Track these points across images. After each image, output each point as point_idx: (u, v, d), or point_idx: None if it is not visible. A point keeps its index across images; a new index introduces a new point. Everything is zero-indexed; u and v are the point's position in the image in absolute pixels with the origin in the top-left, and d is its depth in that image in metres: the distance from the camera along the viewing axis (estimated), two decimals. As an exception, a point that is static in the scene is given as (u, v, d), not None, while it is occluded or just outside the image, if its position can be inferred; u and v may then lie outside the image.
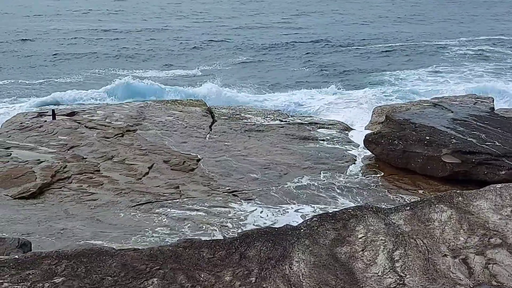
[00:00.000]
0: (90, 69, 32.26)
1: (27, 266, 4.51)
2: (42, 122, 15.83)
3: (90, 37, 44.20)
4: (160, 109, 17.91)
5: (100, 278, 4.29)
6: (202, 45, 40.79)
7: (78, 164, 12.71)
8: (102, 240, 8.84)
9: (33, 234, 8.95)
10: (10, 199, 10.91)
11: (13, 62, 33.55)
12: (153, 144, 14.31)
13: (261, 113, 18.66)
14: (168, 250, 4.75)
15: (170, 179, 12.16)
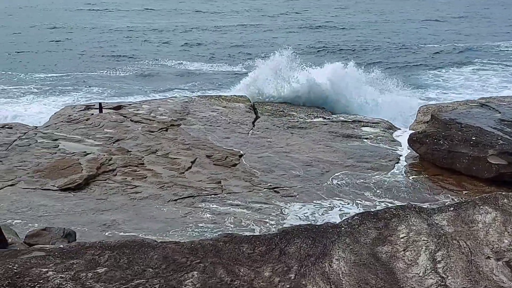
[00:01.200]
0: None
1: (71, 256, 4.61)
2: (89, 115, 16.15)
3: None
4: (204, 104, 18.05)
5: (142, 269, 4.35)
6: (247, 43, 40.87)
7: (123, 157, 12.92)
8: (144, 232, 8.97)
9: (78, 224, 9.14)
10: (56, 189, 11.16)
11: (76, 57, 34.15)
12: (196, 139, 14.43)
13: (304, 110, 18.60)
14: (208, 244, 4.78)
15: (212, 174, 12.25)
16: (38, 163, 12.31)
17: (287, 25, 51.13)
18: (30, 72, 28.82)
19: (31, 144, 13.48)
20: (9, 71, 28.84)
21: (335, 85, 20.80)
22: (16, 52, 35.00)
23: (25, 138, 13.98)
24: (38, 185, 11.27)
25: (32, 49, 36.11)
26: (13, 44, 37.53)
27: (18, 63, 31.66)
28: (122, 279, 4.17)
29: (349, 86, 21.24)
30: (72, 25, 47.89)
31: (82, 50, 36.45)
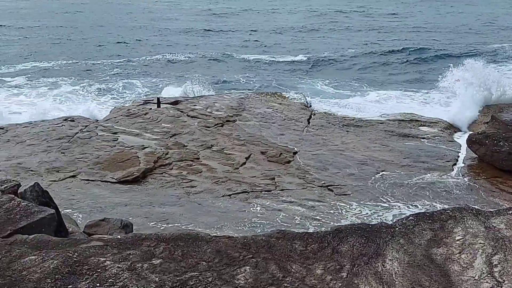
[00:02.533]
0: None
1: (128, 247, 4.73)
2: (148, 110, 16.49)
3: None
4: (260, 101, 18.13)
5: (195, 262, 4.42)
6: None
7: (179, 151, 13.13)
8: (198, 226, 9.10)
9: (135, 216, 9.35)
10: (115, 182, 11.45)
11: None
12: (251, 135, 14.52)
13: (361, 108, 18.44)
14: (261, 239, 4.82)
15: (266, 170, 12.30)
16: (98, 155, 12.67)
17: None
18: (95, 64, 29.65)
19: (92, 137, 13.89)
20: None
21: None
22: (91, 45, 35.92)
23: (86, 131, 14.41)
24: (97, 177, 11.59)
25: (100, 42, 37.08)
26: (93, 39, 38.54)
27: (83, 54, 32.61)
28: (176, 271, 4.26)
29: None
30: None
31: (152, 46, 37.10)
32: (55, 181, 11.19)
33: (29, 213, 5.35)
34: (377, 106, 19.46)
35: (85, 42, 36.56)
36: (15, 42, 36.19)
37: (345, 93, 23.51)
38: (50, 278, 4.13)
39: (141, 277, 4.15)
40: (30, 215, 5.31)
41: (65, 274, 4.19)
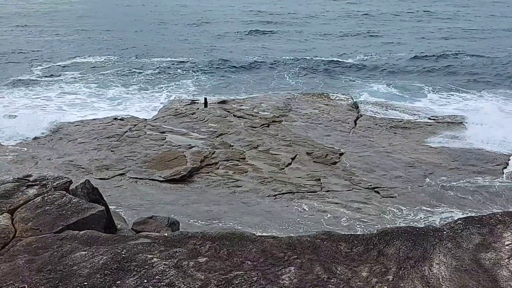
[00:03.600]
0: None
1: (175, 244, 4.80)
2: (195, 109, 16.66)
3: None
4: (306, 102, 18.09)
5: (241, 261, 4.45)
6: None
7: (226, 151, 13.22)
8: (243, 225, 9.14)
9: (181, 214, 9.46)
10: (162, 180, 11.61)
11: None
12: (297, 136, 14.50)
13: (409, 109, 18.17)
14: (306, 240, 4.82)
15: (312, 171, 12.27)
16: (146, 154, 12.88)
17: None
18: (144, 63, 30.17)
19: (140, 136, 14.12)
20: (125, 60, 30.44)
21: None
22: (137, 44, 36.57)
23: (135, 130, 14.66)
24: (145, 175, 11.78)
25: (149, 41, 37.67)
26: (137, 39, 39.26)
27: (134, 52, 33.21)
28: (221, 270, 4.30)
29: None
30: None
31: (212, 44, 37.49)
32: (105, 179, 11.43)
33: (80, 209, 5.49)
34: (426, 108, 19.12)
35: (139, 42, 37.14)
36: (73, 41, 37.04)
37: (393, 95, 23.21)
38: (100, 273, 4.23)
39: (187, 275, 4.21)
40: (80, 212, 5.45)
41: (114, 270, 4.29)
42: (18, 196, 5.72)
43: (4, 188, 5.86)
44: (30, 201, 5.62)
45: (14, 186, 5.92)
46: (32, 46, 34.62)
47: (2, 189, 5.83)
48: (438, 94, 22.78)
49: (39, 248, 4.69)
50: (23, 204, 5.55)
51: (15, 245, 4.81)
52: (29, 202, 5.59)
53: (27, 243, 4.81)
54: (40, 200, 5.62)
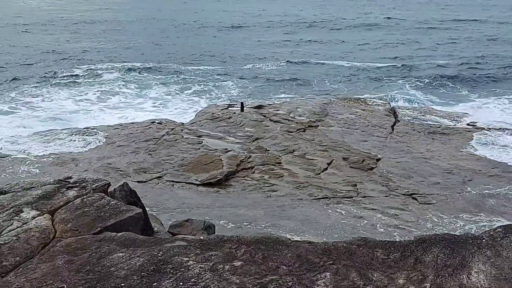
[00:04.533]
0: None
1: (210, 247, 4.83)
2: (231, 114, 16.74)
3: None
4: (343, 107, 18.00)
5: (276, 266, 4.45)
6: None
7: (262, 156, 13.24)
8: (279, 230, 9.13)
9: (217, 218, 9.50)
10: (199, 184, 11.70)
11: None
12: (333, 141, 14.44)
13: (448, 115, 17.91)
14: (342, 246, 4.79)
15: (348, 177, 12.19)
16: (183, 157, 12.99)
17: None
18: (179, 66, 30.51)
19: (177, 140, 14.26)
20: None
21: None
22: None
23: (172, 133, 14.80)
24: (182, 179, 11.88)
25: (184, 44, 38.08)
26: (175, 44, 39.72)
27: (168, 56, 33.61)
28: (256, 274, 4.30)
29: None
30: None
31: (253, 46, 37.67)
32: (142, 182, 11.57)
33: (118, 211, 5.57)
34: (466, 114, 18.81)
35: (179, 47, 37.52)
36: (116, 46, 37.67)
37: (432, 100, 22.94)
38: (137, 275, 4.29)
39: (222, 278, 4.23)
40: (118, 214, 5.53)
41: (151, 272, 4.34)
42: (59, 197, 5.84)
43: (45, 189, 5.99)
44: (70, 202, 5.72)
45: (54, 188, 6.04)
46: (77, 49, 35.38)
47: (43, 190, 5.96)
48: (478, 100, 22.42)
49: (78, 249, 4.78)
50: (63, 206, 5.66)
51: (55, 245, 4.91)
52: (69, 204, 5.69)
53: (67, 243, 4.91)
54: (80, 201, 5.72)
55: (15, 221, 5.28)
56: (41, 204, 5.67)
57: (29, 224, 5.23)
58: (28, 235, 5.03)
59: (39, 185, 6.11)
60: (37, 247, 4.87)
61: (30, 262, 4.62)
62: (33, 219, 5.34)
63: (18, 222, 5.25)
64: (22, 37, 40.33)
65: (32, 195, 5.85)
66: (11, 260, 4.64)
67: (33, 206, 5.60)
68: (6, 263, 4.60)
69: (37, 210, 5.52)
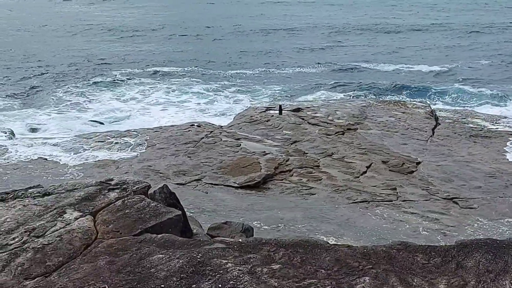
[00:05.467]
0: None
1: (249, 250, 4.85)
2: (270, 117, 16.77)
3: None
4: (382, 109, 17.84)
5: (314, 269, 4.44)
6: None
7: (300, 159, 13.22)
8: (317, 233, 9.10)
9: (255, 220, 9.53)
10: (237, 186, 11.75)
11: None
12: (372, 144, 14.32)
13: (490, 118, 17.57)
14: (381, 250, 4.75)
15: (388, 180, 12.07)
16: (221, 160, 13.07)
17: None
18: (221, 70, 30.74)
19: (216, 142, 14.35)
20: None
21: None
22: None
23: (211, 136, 14.91)
24: (220, 181, 11.96)
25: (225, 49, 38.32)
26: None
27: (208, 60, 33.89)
28: (295, 277, 4.31)
29: None
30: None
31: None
32: (182, 184, 11.68)
33: (158, 213, 5.65)
34: (510, 116, 18.42)
35: (220, 51, 37.73)
36: (156, 50, 38.15)
37: (474, 103, 22.55)
38: (176, 276, 4.34)
39: (260, 281, 4.24)
40: (158, 215, 5.60)
41: (190, 274, 4.38)
42: (100, 199, 5.95)
43: (87, 191, 6.11)
44: (111, 204, 5.83)
45: (96, 190, 6.16)
46: (117, 54, 36.00)
47: (86, 192, 6.09)
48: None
49: (119, 250, 4.86)
50: (105, 207, 5.76)
51: (96, 246, 5.00)
52: (110, 205, 5.80)
53: (108, 244, 5.00)
54: (121, 203, 5.82)
55: (58, 222, 5.41)
56: (83, 205, 5.79)
57: (72, 225, 5.34)
58: (71, 236, 5.14)
59: (81, 187, 6.24)
60: (79, 248, 4.97)
61: (73, 263, 4.72)
62: (75, 220, 5.45)
63: (61, 223, 5.38)
64: (62, 41, 41.18)
65: (75, 197, 5.98)
66: (55, 260, 4.75)
67: (76, 208, 5.73)
68: (49, 263, 4.71)
69: (79, 212, 5.64)
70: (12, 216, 5.58)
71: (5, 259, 4.76)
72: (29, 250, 4.89)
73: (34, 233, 5.20)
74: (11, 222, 5.43)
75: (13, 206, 5.85)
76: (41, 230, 5.24)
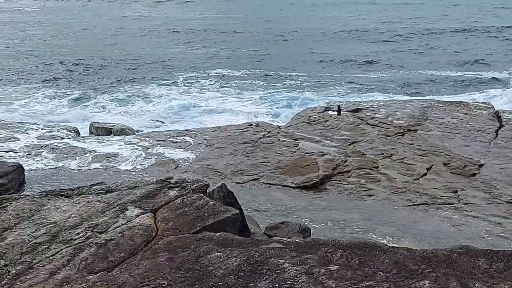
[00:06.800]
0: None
1: (306, 251, 4.85)
2: (328, 117, 16.68)
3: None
4: (444, 110, 17.45)
5: (372, 272, 4.41)
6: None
7: (358, 160, 13.10)
8: (375, 235, 9.00)
9: (312, 221, 9.50)
10: (294, 187, 11.74)
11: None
12: (433, 145, 14.03)
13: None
14: (442, 254, 4.67)
15: (449, 183, 11.81)
16: (279, 160, 13.09)
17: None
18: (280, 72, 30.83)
19: (274, 142, 14.39)
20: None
21: None
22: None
23: (269, 136, 14.96)
24: (277, 181, 11.98)
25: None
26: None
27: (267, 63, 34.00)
28: (352, 279, 4.28)
29: None
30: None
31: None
32: (239, 183, 11.77)
33: (216, 212, 5.72)
34: None
35: (281, 55, 37.77)
36: (216, 54, 38.59)
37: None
38: (233, 275, 4.38)
39: (318, 282, 4.24)
40: (216, 214, 5.68)
41: (247, 273, 4.42)
42: (160, 197, 6.08)
43: (148, 189, 6.26)
44: (171, 202, 5.95)
45: (157, 188, 6.30)
46: (177, 55, 36.60)
47: (146, 189, 6.23)
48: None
49: (178, 247, 4.95)
50: (165, 205, 5.89)
51: (156, 243, 5.12)
52: (170, 203, 5.92)
53: (168, 242, 5.10)
54: (180, 201, 5.93)
55: (120, 218, 5.56)
56: (144, 203, 5.93)
57: (133, 222, 5.48)
58: (132, 232, 5.27)
59: (142, 185, 6.40)
60: (140, 244, 5.10)
61: (134, 258, 4.84)
62: (137, 217, 5.59)
63: (123, 220, 5.52)
64: (123, 43, 42.12)
65: (136, 194, 6.13)
66: (117, 256, 4.89)
67: (137, 205, 5.87)
68: (112, 258, 4.85)
69: (140, 209, 5.78)
70: (77, 212, 5.77)
71: (69, 254, 4.93)
72: (92, 245, 5.05)
73: (97, 229, 5.36)
74: (76, 218, 5.62)
75: (78, 202, 6.06)
76: (104, 226, 5.40)
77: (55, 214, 5.75)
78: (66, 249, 5.00)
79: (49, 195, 6.34)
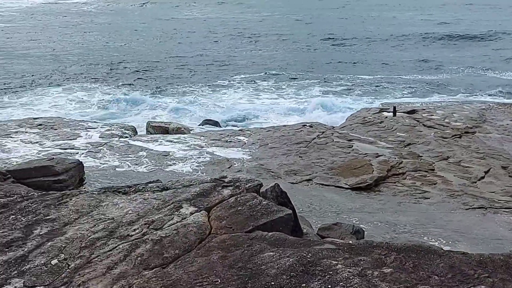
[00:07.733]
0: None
1: (359, 252, 4.82)
2: (383, 118, 16.50)
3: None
4: (503, 112, 17.00)
5: (427, 275, 4.35)
6: None
7: (414, 162, 12.90)
8: (431, 238, 8.85)
9: (365, 222, 9.42)
10: (347, 188, 11.67)
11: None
12: (491, 148, 13.69)
13: None
14: (499, 259, 4.56)
15: (507, 186, 11.50)
16: (333, 161, 13.03)
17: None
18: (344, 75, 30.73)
19: (328, 143, 14.33)
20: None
21: None
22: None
23: (323, 136, 14.91)
24: (331, 182, 11.93)
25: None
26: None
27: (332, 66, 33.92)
28: (406, 282, 4.23)
29: None
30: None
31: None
32: (293, 183, 11.78)
33: (269, 211, 5.75)
34: None
35: (338, 57, 37.59)
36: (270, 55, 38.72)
37: None
38: (286, 274, 4.41)
39: (371, 284, 4.21)
40: (269, 214, 5.71)
41: (299, 273, 4.43)
42: (214, 195, 6.16)
43: (203, 187, 6.35)
44: (224, 200, 6.02)
45: (211, 186, 6.38)
46: (234, 57, 36.92)
47: (201, 188, 6.32)
48: None
49: (231, 246, 5.01)
50: (219, 203, 5.96)
51: (210, 241, 5.19)
52: (223, 202, 5.99)
53: (221, 240, 5.17)
54: (234, 200, 5.99)
55: (175, 216, 5.66)
56: (198, 201, 6.02)
57: (188, 220, 5.57)
58: (187, 230, 5.37)
59: (197, 183, 6.50)
60: (194, 242, 5.18)
61: (188, 256, 4.92)
62: (191, 215, 5.68)
63: (178, 217, 5.62)
64: (178, 46, 42.66)
65: (191, 192, 6.23)
66: (171, 253, 4.99)
67: (192, 203, 5.97)
68: (167, 255, 4.95)
69: (195, 207, 5.87)
70: (134, 208, 5.91)
71: (126, 249, 5.06)
72: (148, 242, 5.17)
73: (153, 225, 5.48)
74: (133, 214, 5.76)
75: (134, 199, 6.20)
76: (160, 223, 5.52)
77: (113, 210, 5.91)
78: (123, 245, 5.13)
79: (107, 191, 6.52)
